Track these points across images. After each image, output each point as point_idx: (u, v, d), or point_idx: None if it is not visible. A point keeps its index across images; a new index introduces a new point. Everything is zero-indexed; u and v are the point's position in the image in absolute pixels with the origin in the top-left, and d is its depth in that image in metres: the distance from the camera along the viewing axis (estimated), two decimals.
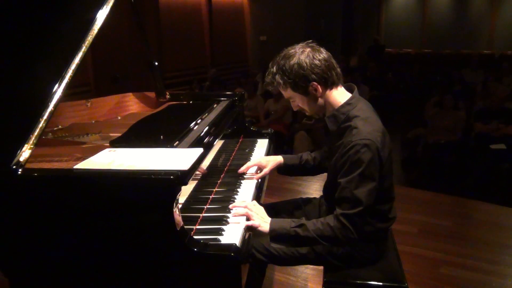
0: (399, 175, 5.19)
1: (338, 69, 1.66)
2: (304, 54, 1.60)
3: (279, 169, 2.06)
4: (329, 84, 1.63)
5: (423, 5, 13.00)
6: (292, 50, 1.63)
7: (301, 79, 1.60)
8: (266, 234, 1.61)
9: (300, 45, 1.65)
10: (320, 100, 1.67)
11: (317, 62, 1.59)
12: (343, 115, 1.64)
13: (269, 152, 2.44)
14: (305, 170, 2.07)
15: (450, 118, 5.30)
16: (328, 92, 1.65)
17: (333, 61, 1.65)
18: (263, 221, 1.61)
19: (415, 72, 9.41)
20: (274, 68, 1.65)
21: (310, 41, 1.67)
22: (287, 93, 1.69)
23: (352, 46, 11.79)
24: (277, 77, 1.64)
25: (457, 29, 12.33)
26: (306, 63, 1.58)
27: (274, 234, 1.59)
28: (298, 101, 1.70)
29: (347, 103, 1.66)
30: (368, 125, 1.58)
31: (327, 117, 1.70)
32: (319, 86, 1.62)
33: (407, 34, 12.93)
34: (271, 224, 1.60)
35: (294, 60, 1.60)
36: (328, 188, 1.85)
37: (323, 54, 1.62)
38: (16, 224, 1.43)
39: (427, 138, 5.34)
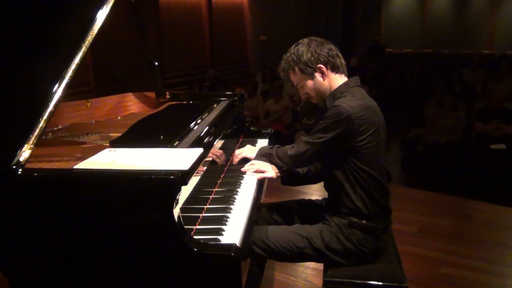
0: (399, 175, 5.19)
1: (343, 60, 1.86)
2: (313, 42, 1.82)
3: (283, 180, 2.09)
4: (334, 68, 1.82)
5: (423, 5, 12.98)
6: (304, 40, 1.85)
7: (309, 61, 1.79)
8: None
9: (311, 37, 1.86)
10: (326, 84, 1.82)
11: (324, 48, 1.81)
12: (339, 93, 1.81)
13: None
14: (307, 178, 2.12)
15: (450, 118, 5.30)
16: (332, 75, 1.83)
17: (339, 53, 1.85)
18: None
19: (415, 72, 9.41)
20: (287, 54, 1.86)
21: (319, 38, 1.88)
22: (296, 77, 1.85)
23: (352, 46, 11.78)
24: (290, 60, 1.83)
25: (457, 29, 12.33)
26: (314, 49, 1.80)
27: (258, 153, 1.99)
28: (306, 87, 1.85)
29: (346, 83, 1.83)
30: (351, 97, 1.74)
31: (327, 96, 1.85)
32: (324, 68, 1.79)
33: (407, 34, 12.92)
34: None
35: (304, 47, 1.82)
36: (327, 182, 1.91)
37: (330, 45, 1.84)
38: (16, 224, 1.43)
39: (427, 138, 5.34)
